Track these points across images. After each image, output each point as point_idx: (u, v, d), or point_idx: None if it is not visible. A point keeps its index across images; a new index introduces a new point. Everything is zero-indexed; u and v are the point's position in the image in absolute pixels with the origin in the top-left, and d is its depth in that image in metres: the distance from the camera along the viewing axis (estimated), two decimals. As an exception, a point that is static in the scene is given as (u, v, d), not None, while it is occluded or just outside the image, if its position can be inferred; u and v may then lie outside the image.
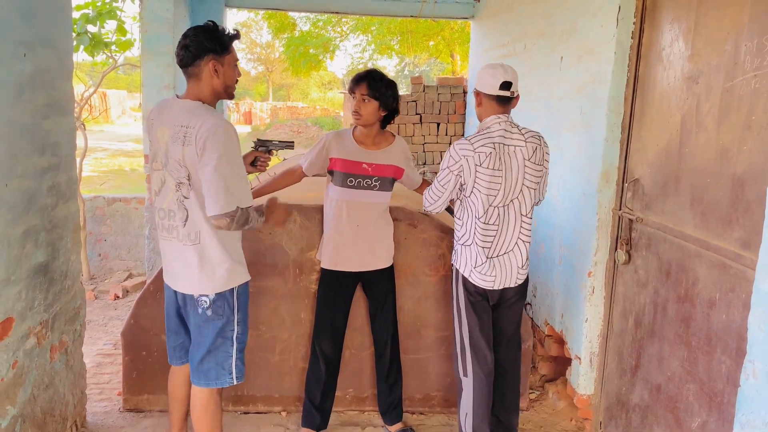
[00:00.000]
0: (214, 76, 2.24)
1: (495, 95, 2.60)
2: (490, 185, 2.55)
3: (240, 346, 2.39)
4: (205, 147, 2.11)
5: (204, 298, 2.29)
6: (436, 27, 12.12)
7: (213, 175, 2.12)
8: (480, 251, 2.61)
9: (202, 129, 2.12)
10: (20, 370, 2.35)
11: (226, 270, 2.29)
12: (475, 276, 2.64)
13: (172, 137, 2.18)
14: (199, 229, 2.25)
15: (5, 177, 2.20)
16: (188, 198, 2.23)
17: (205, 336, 2.33)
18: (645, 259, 2.73)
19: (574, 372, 3.26)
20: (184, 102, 2.25)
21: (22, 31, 2.29)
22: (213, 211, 2.15)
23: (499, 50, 5.22)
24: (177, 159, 2.18)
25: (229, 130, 2.16)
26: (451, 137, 6.91)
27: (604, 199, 3.01)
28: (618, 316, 2.98)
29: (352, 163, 2.80)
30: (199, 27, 2.24)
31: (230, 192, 2.14)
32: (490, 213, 2.59)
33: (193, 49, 2.20)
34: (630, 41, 2.87)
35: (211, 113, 2.20)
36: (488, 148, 2.53)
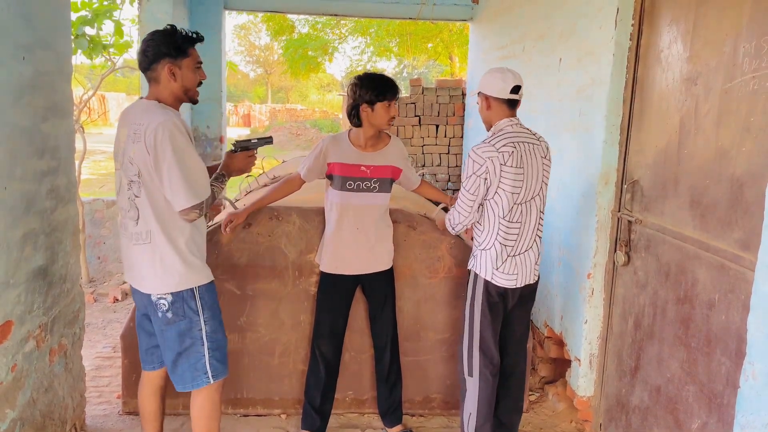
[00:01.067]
0: (171, 79, 2.25)
1: (506, 99, 2.64)
2: (515, 183, 2.56)
3: (213, 344, 2.37)
4: (155, 145, 2.12)
5: (162, 301, 2.28)
6: (434, 29, 12.14)
7: (171, 172, 2.14)
8: (502, 250, 2.61)
9: (150, 126, 2.13)
10: (19, 373, 2.34)
11: (182, 270, 2.27)
12: (498, 277, 2.63)
13: (129, 136, 2.21)
14: (150, 228, 2.24)
15: (4, 180, 2.19)
16: (139, 196, 2.23)
17: (168, 339, 2.32)
18: (644, 261, 2.73)
19: (574, 374, 3.26)
20: (142, 102, 2.28)
21: (22, 33, 2.29)
22: (180, 206, 2.18)
23: (498, 52, 5.23)
24: (129, 157, 2.20)
25: (177, 124, 2.17)
26: (449, 139, 6.92)
27: (603, 200, 3.01)
28: (617, 318, 2.98)
29: (351, 167, 2.80)
30: (157, 31, 2.26)
31: (192, 185, 2.18)
32: (514, 211, 2.60)
33: (149, 53, 2.22)
34: (629, 43, 2.88)
35: (161, 111, 2.19)
36: (510, 147, 2.55)
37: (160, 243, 2.25)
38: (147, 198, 2.21)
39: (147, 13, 4.58)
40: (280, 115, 32.15)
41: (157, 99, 2.27)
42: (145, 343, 2.50)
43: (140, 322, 2.49)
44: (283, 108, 33.94)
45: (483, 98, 2.71)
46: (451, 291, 3.19)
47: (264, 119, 31.95)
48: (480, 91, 2.72)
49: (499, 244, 2.62)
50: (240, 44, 42.46)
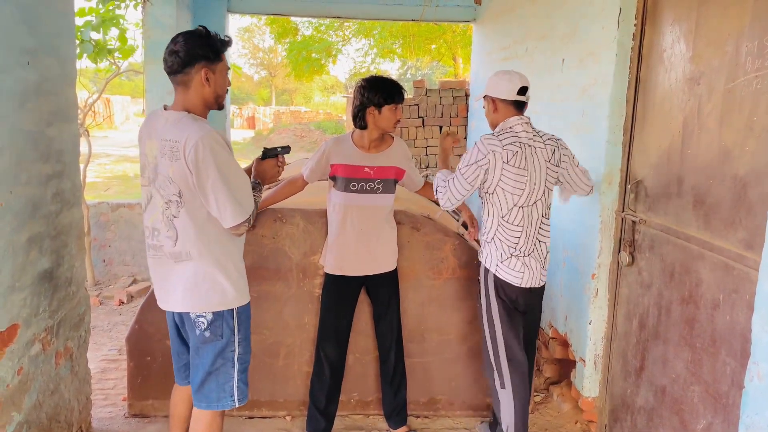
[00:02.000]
0: (206, 84, 2.14)
1: (513, 100, 2.67)
2: (516, 184, 2.56)
3: (242, 366, 2.31)
4: (197, 161, 2.02)
5: (201, 319, 2.21)
6: (438, 30, 12.15)
7: (217, 189, 2.06)
8: (503, 246, 2.64)
9: (189, 142, 2.02)
10: (25, 376, 2.36)
11: (226, 289, 2.21)
12: (502, 271, 2.64)
13: (160, 152, 2.10)
14: (190, 248, 2.15)
15: (10, 184, 2.21)
16: (177, 217, 2.13)
17: (203, 357, 2.25)
18: (648, 261, 2.73)
19: (579, 374, 3.26)
20: (169, 113, 2.14)
21: (26, 39, 2.31)
22: (230, 223, 2.11)
23: (500, 53, 5.23)
24: (166, 175, 2.10)
25: (217, 138, 2.08)
26: (453, 140, 6.91)
27: (606, 201, 3.01)
28: (622, 318, 2.97)
29: (354, 168, 2.81)
30: (190, 32, 2.16)
31: (239, 201, 2.11)
32: (514, 213, 2.60)
33: (183, 54, 2.09)
34: (631, 43, 2.88)
35: (196, 124, 2.08)
36: (515, 146, 2.56)
37: (204, 262, 2.17)
38: (188, 218, 2.12)
39: (150, 16, 4.60)
40: (284, 117, 32.20)
41: (185, 108, 2.15)
42: (176, 360, 2.46)
43: (173, 338, 2.44)
44: (287, 110, 33.99)
45: (489, 101, 2.73)
46: (455, 292, 3.19)
47: (268, 121, 32.01)
48: (486, 94, 2.74)
49: (499, 240, 2.64)
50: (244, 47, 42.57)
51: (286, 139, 24.31)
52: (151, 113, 2.26)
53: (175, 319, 2.35)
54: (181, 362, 2.45)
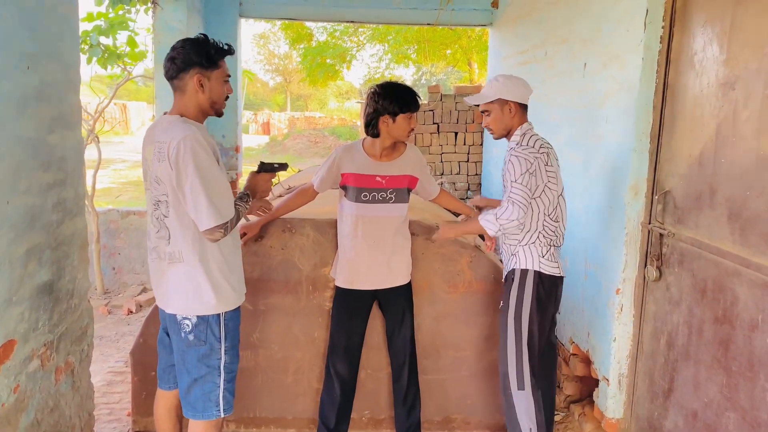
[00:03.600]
0: (199, 90, 2.16)
1: (526, 104, 2.70)
2: (556, 180, 2.64)
3: (228, 375, 2.28)
4: (177, 162, 2.05)
5: (186, 321, 2.20)
6: (453, 35, 12.03)
7: (194, 190, 2.06)
8: (545, 241, 2.65)
9: (172, 143, 2.05)
10: (22, 394, 2.25)
11: (210, 294, 2.20)
12: (545, 265, 2.64)
13: (154, 155, 2.13)
14: (181, 248, 2.17)
15: (7, 194, 2.11)
16: (167, 216, 2.15)
17: (187, 362, 2.23)
18: (677, 277, 2.58)
19: (602, 394, 3.10)
20: (164, 118, 2.18)
21: (26, 43, 2.22)
22: (204, 226, 2.09)
23: (518, 57, 5.09)
24: (155, 176, 2.13)
25: (199, 140, 2.08)
26: (469, 147, 6.78)
27: (632, 212, 2.86)
28: (648, 336, 2.82)
29: (365, 177, 2.69)
30: (188, 39, 2.17)
31: (216, 205, 2.09)
32: (555, 206, 2.67)
33: (179, 61, 2.13)
34: (658, 46, 2.73)
35: (183, 126, 2.10)
36: (545, 148, 2.62)
37: (192, 263, 2.18)
38: (176, 218, 2.14)
39: (161, 21, 4.53)
40: (299, 123, 32.23)
41: (181, 112, 2.18)
42: (164, 360, 2.43)
43: (162, 338, 2.43)
44: (302, 116, 34.03)
45: (506, 105, 2.67)
46: (471, 307, 3.05)
47: (283, 127, 32.07)
48: (502, 97, 2.66)
49: (543, 237, 2.65)
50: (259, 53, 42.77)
51: (300, 145, 24.31)
52: (155, 120, 2.28)
53: (169, 319, 2.30)
54: (168, 362, 2.42)
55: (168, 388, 2.47)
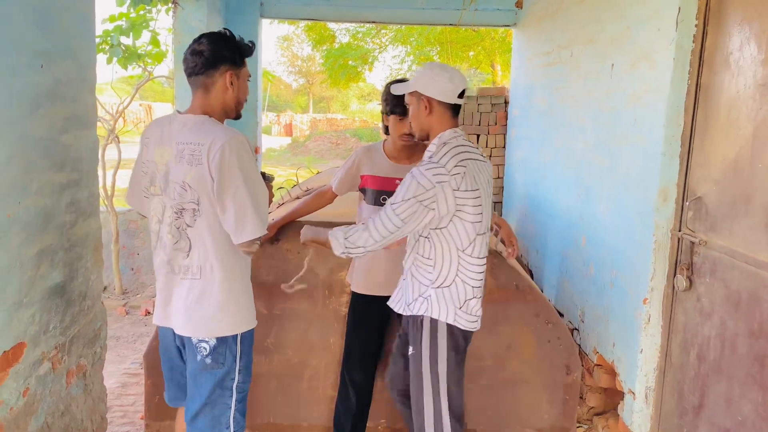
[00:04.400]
0: (230, 89, 2.04)
1: (453, 104, 2.20)
2: (475, 209, 2.12)
3: (240, 396, 2.15)
4: (221, 167, 1.90)
5: (203, 344, 2.04)
6: (476, 37, 11.91)
7: (240, 198, 1.92)
8: (465, 288, 2.19)
9: (214, 146, 1.90)
10: (32, 397, 2.22)
11: (232, 312, 2.06)
12: (461, 318, 2.20)
13: (176, 156, 1.97)
14: (203, 263, 2.01)
15: (19, 194, 2.08)
16: (192, 226, 1.99)
17: (201, 386, 2.08)
18: (709, 287, 2.45)
19: (627, 407, 2.98)
20: (186, 117, 2.02)
21: (40, 41, 2.18)
22: (244, 238, 1.94)
23: (543, 58, 4.98)
24: (181, 181, 1.96)
25: (244, 143, 1.96)
26: (491, 149, 6.67)
27: (661, 219, 2.74)
28: (677, 349, 2.69)
29: (385, 180, 2.61)
30: (216, 33, 2.05)
31: (260, 215, 1.95)
32: (477, 243, 2.17)
33: (208, 55, 1.99)
34: (691, 45, 2.61)
35: (221, 127, 1.98)
36: (460, 168, 2.09)
37: (214, 280, 2.02)
38: (207, 228, 1.98)
39: (181, 21, 4.51)
40: (321, 124, 32.31)
41: (205, 112, 2.03)
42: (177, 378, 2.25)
43: (171, 363, 2.24)
44: (323, 118, 34.11)
45: (420, 99, 2.20)
46: (491, 315, 2.95)
47: (305, 129, 32.17)
48: (416, 89, 2.21)
49: (461, 281, 2.19)
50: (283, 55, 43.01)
51: (321, 146, 24.35)
52: (159, 118, 2.12)
53: (175, 339, 2.16)
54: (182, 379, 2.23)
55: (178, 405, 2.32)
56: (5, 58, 1.96)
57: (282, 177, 13.74)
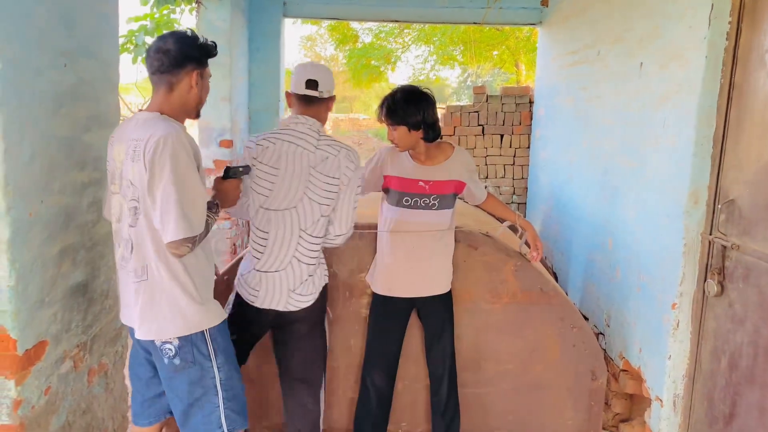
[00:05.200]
0: (194, 88, 2.03)
1: (301, 94, 2.35)
2: (264, 183, 2.33)
3: (228, 393, 2.09)
4: (152, 162, 1.86)
5: (167, 346, 1.99)
6: (500, 36, 11.80)
7: (167, 196, 1.86)
8: (250, 258, 2.39)
9: (151, 141, 1.87)
10: (54, 396, 2.22)
11: (190, 310, 2.00)
12: (241, 286, 2.41)
13: (127, 154, 1.95)
14: (146, 262, 1.96)
15: (41, 193, 2.08)
16: (134, 226, 1.96)
17: (177, 389, 2.04)
18: (742, 293, 2.37)
19: (655, 414, 2.91)
20: (141, 114, 2.02)
21: (63, 40, 2.19)
22: (170, 238, 1.87)
23: (569, 57, 4.90)
24: (128, 178, 1.94)
25: (181, 140, 1.89)
26: (515, 149, 6.59)
27: (691, 222, 2.66)
28: (708, 356, 2.61)
29: (408, 181, 2.58)
30: (180, 33, 2.05)
31: (187, 215, 1.88)
32: (261, 217, 2.36)
33: (175, 54, 1.97)
34: (724, 43, 2.53)
35: (164, 123, 1.93)
36: (269, 142, 2.33)
37: (161, 280, 1.97)
38: (146, 227, 1.94)
39: (205, 21, 4.52)
40: (343, 124, 32.33)
41: (161, 110, 2.01)
42: (140, 394, 2.24)
43: (135, 370, 2.23)
44: (346, 117, 34.14)
45: (286, 96, 2.47)
46: (515, 318, 2.90)
47: (328, 128, 32.24)
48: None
49: (252, 249, 2.40)
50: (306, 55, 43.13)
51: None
52: (126, 119, 2.12)
53: (144, 345, 2.13)
54: (146, 394, 2.21)
55: (147, 424, 2.27)
56: (29, 58, 1.96)
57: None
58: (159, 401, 2.24)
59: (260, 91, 5.48)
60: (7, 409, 1.99)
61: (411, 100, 2.51)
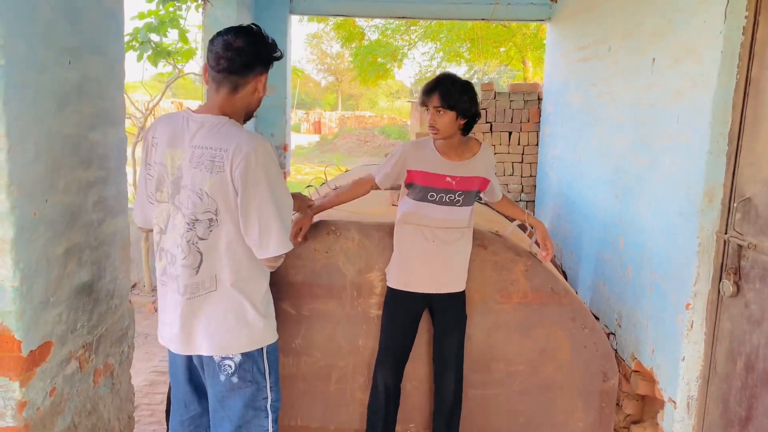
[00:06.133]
0: (258, 92, 1.93)
1: None
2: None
3: (275, 415, 2.00)
4: (246, 177, 1.77)
5: (228, 362, 1.90)
6: (507, 33, 11.73)
7: (267, 214, 1.80)
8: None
9: (239, 153, 1.77)
10: (59, 397, 2.20)
11: (258, 325, 1.93)
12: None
13: (192, 161, 1.82)
14: (215, 274, 1.87)
15: (45, 192, 2.05)
16: (205, 239, 1.84)
17: (230, 408, 1.93)
18: (759, 293, 2.32)
19: (668, 416, 2.86)
20: (204, 117, 1.86)
21: (68, 37, 2.16)
22: (272, 253, 1.83)
23: (578, 53, 4.84)
24: (198, 189, 1.82)
25: (272, 152, 1.84)
26: (523, 147, 6.54)
27: (706, 220, 2.61)
28: (723, 357, 2.56)
29: (434, 176, 2.54)
30: (250, 30, 1.90)
31: (285, 230, 1.84)
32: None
33: (249, 55, 1.84)
34: (740, 38, 2.48)
35: (245, 132, 1.85)
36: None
37: (232, 293, 1.89)
38: (223, 240, 1.85)
39: (211, 18, 4.49)
40: (350, 122, 32.33)
41: (225, 113, 1.87)
42: (180, 414, 2.13)
43: (178, 389, 2.11)
44: (352, 115, 34.16)
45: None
46: (526, 318, 2.86)
47: (334, 126, 32.24)
48: None
49: None
50: (312, 53, 43.15)
51: (350, 144, 24.37)
52: (168, 115, 1.98)
53: (189, 364, 2.05)
54: (187, 414, 2.12)
55: None
56: (33, 55, 1.93)
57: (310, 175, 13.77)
58: (200, 420, 2.13)
59: (267, 88, 5.44)
60: (11, 411, 1.97)
61: (468, 87, 2.52)
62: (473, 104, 2.52)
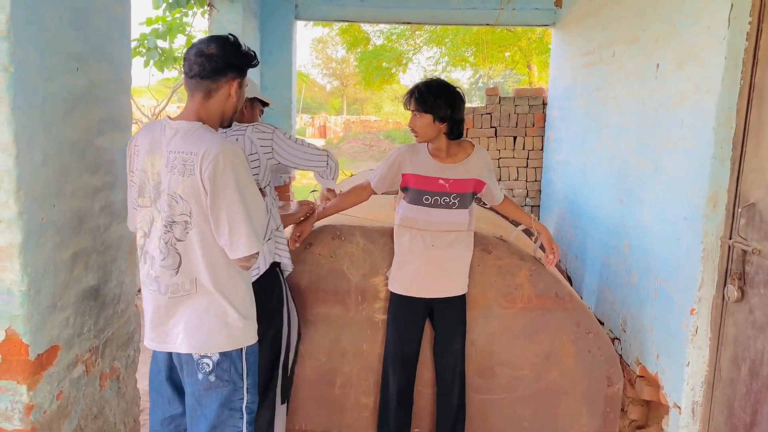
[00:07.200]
0: (232, 97, 1.96)
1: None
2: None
3: (250, 417, 2.02)
4: (215, 179, 1.81)
5: (205, 361, 1.92)
6: (512, 37, 11.75)
7: (233, 212, 1.84)
8: None
9: (208, 156, 1.81)
10: (65, 401, 2.22)
11: (237, 325, 1.95)
12: None
13: (167, 166, 1.86)
14: (195, 275, 1.91)
15: (53, 197, 2.08)
16: (182, 240, 1.88)
17: (206, 407, 1.95)
18: (763, 298, 2.32)
19: (673, 422, 2.85)
20: (179, 123, 1.91)
21: (75, 43, 2.18)
22: (242, 253, 1.86)
23: (583, 58, 4.85)
24: (173, 192, 1.86)
25: (239, 153, 1.87)
26: (528, 151, 6.54)
27: (710, 225, 2.61)
28: (727, 363, 2.56)
29: (428, 179, 2.55)
30: (224, 38, 1.96)
31: (255, 230, 1.87)
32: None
33: (219, 60, 1.89)
34: (744, 43, 2.48)
35: (216, 136, 1.89)
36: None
37: (211, 293, 1.93)
38: (198, 241, 1.89)
39: (217, 24, 4.52)
40: (354, 126, 32.36)
41: (200, 118, 1.93)
42: (161, 411, 2.15)
43: (159, 387, 2.12)
44: (357, 119, 34.18)
45: None
46: (530, 323, 2.86)
47: (339, 130, 32.28)
48: None
49: None
50: (317, 57, 43.27)
51: (355, 148, 24.38)
52: (149, 125, 2.03)
53: (169, 362, 2.06)
54: (167, 412, 2.13)
55: None
56: (40, 61, 1.96)
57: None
58: (179, 419, 2.14)
59: (272, 93, 5.47)
60: (19, 414, 1.99)
61: (443, 91, 2.52)
62: (450, 108, 2.51)
